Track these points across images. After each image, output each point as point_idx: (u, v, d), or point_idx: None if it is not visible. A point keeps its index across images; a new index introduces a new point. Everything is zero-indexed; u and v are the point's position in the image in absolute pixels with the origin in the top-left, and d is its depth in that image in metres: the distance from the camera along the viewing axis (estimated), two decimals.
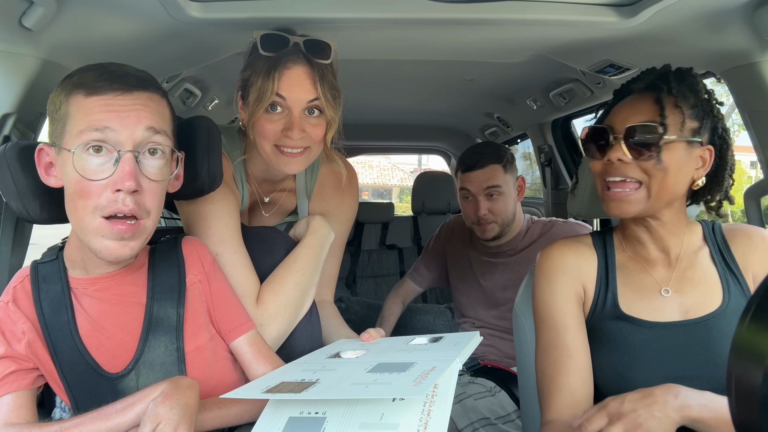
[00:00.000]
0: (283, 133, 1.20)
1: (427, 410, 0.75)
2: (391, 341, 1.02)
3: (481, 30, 1.28)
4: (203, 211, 1.21)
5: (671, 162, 1.01)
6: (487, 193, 1.93)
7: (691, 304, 1.06)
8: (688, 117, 1.02)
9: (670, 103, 1.02)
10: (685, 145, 1.02)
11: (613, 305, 1.09)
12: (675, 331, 1.03)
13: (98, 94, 0.90)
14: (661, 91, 1.03)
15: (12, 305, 0.95)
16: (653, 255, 1.11)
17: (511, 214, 1.97)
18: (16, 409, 0.91)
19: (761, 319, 0.46)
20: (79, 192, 0.89)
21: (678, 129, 1.01)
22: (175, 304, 1.01)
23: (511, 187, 1.97)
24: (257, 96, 1.17)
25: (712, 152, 1.04)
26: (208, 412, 0.94)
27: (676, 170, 1.01)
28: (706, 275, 1.08)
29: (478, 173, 1.93)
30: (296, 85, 1.18)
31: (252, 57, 1.22)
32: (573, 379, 1.05)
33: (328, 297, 1.50)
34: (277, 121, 1.19)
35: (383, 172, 22.66)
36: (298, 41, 1.19)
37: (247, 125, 1.23)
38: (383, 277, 3.06)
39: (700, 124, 1.03)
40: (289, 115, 1.19)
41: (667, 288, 1.08)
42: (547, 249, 1.17)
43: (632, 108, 1.04)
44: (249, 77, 1.20)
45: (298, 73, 1.18)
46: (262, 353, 1.08)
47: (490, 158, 1.94)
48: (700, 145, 1.03)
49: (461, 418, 1.70)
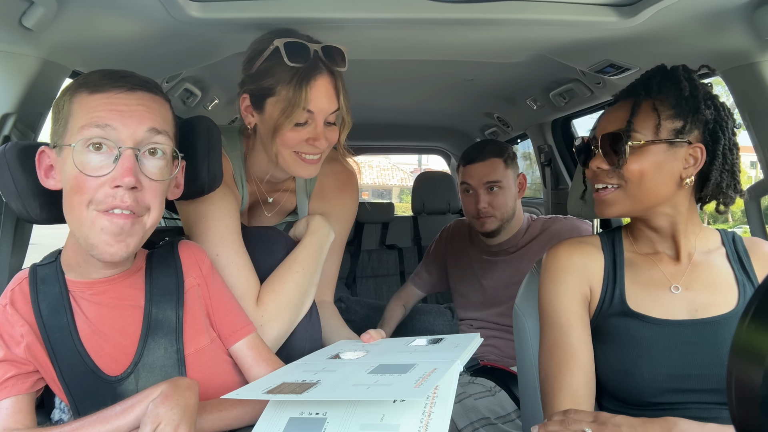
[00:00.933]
0: (308, 142, 1.21)
1: (428, 411, 0.75)
2: (391, 342, 1.02)
3: (481, 30, 1.28)
4: (203, 211, 1.21)
5: (645, 165, 1.03)
6: (487, 186, 1.95)
7: (701, 304, 1.05)
8: (668, 118, 1.03)
9: (647, 107, 1.04)
10: (664, 146, 1.03)
11: (620, 301, 1.09)
12: (683, 330, 1.03)
13: (101, 91, 0.89)
14: (639, 96, 1.06)
15: (10, 308, 0.95)
16: (663, 252, 1.11)
17: (511, 209, 1.98)
18: (15, 413, 0.90)
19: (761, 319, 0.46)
20: (76, 188, 0.89)
21: (653, 133, 1.03)
22: (174, 307, 1.01)
23: (512, 182, 1.98)
24: (286, 109, 1.16)
25: (704, 150, 1.04)
26: (208, 415, 0.93)
27: (653, 173, 1.03)
28: (720, 276, 1.08)
29: (479, 166, 1.96)
30: (323, 97, 1.18)
31: (271, 64, 1.18)
32: (576, 379, 1.04)
33: (328, 297, 1.50)
34: (301, 131, 1.20)
35: (383, 172, 22.67)
36: (316, 48, 1.18)
37: (263, 131, 1.22)
38: (383, 277, 3.06)
39: (685, 123, 1.02)
40: (313, 125, 1.20)
41: (677, 285, 1.07)
42: (554, 249, 1.17)
43: (608, 117, 1.10)
44: (272, 87, 1.18)
45: (323, 84, 1.18)
46: (263, 356, 1.08)
47: (491, 152, 1.96)
48: (688, 144, 1.03)
49: (461, 417, 1.70)
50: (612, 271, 1.12)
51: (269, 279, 1.24)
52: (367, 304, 2.55)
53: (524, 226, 2.06)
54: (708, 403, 1.00)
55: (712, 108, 1.04)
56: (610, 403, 1.08)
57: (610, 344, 1.07)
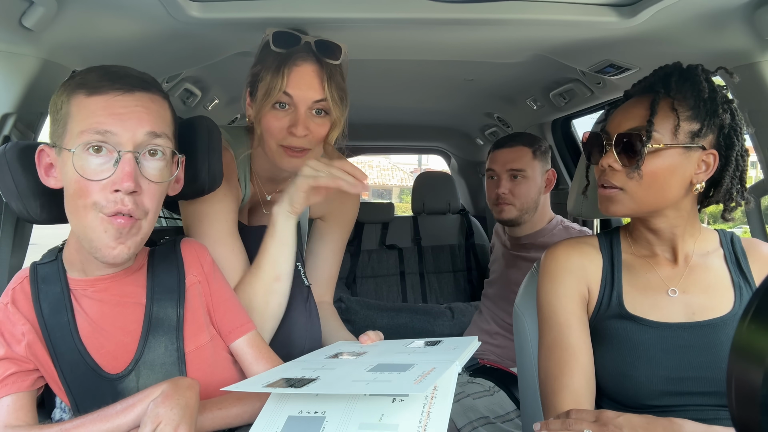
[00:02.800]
0: (288, 130, 1.19)
1: (427, 411, 0.75)
2: (389, 344, 1.03)
3: (481, 30, 1.28)
4: (203, 211, 1.21)
5: (659, 169, 0.99)
6: (510, 173, 1.94)
7: (698, 306, 1.05)
8: (686, 119, 0.99)
9: (666, 106, 0.99)
10: (680, 150, 0.99)
11: (618, 304, 1.08)
12: (680, 333, 1.03)
13: (99, 94, 0.89)
14: (657, 93, 1.01)
15: (11, 306, 0.95)
16: (661, 254, 1.10)
17: (533, 201, 1.96)
18: (16, 411, 0.90)
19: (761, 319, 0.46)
20: (79, 192, 0.89)
21: (671, 134, 0.99)
22: (175, 305, 1.01)
23: (538, 174, 1.96)
24: (265, 91, 1.17)
25: (717, 157, 1.01)
26: (207, 413, 0.93)
27: (665, 177, 1.00)
28: (717, 279, 1.07)
29: (505, 152, 1.96)
30: (304, 83, 1.18)
31: (263, 53, 1.21)
32: (577, 380, 1.04)
33: (327, 298, 1.50)
34: (282, 118, 1.19)
35: (383, 172, 22.65)
36: (309, 40, 1.19)
37: (254, 121, 1.23)
38: (383, 278, 3.06)
39: (702, 126, 0.99)
40: (294, 112, 1.19)
41: (674, 288, 1.07)
42: (552, 249, 1.16)
43: (625, 114, 1.04)
44: (258, 72, 1.20)
45: (306, 71, 1.18)
46: (263, 354, 1.08)
47: (521, 141, 1.96)
48: (702, 149, 1.00)
49: (460, 417, 1.70)
50: (610, 273, 1.11)
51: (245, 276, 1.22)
52: (367, 304, 2.55)
53: (550, 226, 2.02)
54: (706, 405, 1.00)
55: (729, 112, 1.01)
56: (608, 406, 1.08)
57: (607, 346, 1.07)
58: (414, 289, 2.95)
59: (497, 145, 2.01)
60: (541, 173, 1.98)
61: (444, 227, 3.13)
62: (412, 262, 3.09)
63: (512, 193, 1.94)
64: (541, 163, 1.98)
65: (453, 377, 0.79)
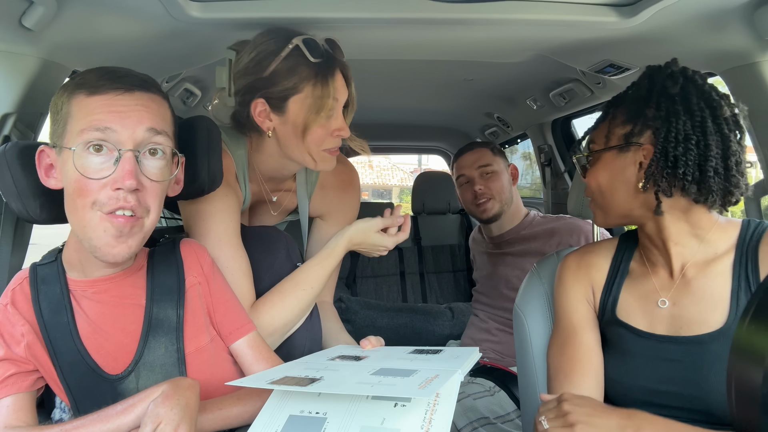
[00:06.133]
0: (334, 133, 1.22)
1: (429, 418, 0.75)
2: (390, 350, 1.03)
3: (481, 30, 1.28)
4: (203, 212, 1.20)
5: (599, 175, 1.06)
6: (481, 171, 2.08)
7: (686, 321, 0.99)
8: (619, 125, 1.03)
9: (608, 117, 1.06)
10: (614, 153, 1.03)
11: (611, 310, 1.09)
12: (666, 345, 0.99)
13: (100, 93, 0.90)
14: (607, 107, 1.08)
15: (11, 307, 0.95)
16: (658, 262, 1.07)
17: (508, 192, 2.09)
18: (16, 411, 0.90)
19: (761, 319, 0.46)
20: (79, 191, 0.89)
21: (603, 141, 1.05)
22: (175, 306, 1.01)
23: (503, 167, 2.11)
24: (315, 104, 1.17)
25: (650, 151, 0.98)
26: (208, 414, 0.93)
27: (608, 181, 1.05)
28: (714, 291, 0.98)
29: (468, 155, 2.12)
30: (341, 85, 1.22)
31: (292, 63, 1.16)
32: (588, 380, 1.04)
33: (328, 298, 1.50)
34: (327, 124, 1.21)
35: (383, 172, 22.64)
36: (321, 42, 1.20)
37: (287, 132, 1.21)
38: (383, 277, 3.05)
39: (633, 125, 1.00)
40: (335, 115, 1.22)
41: (664, 299, 1.03)
42: (567, 255, 1.19)
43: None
44: (296, 85, 1.17)
45: (339, 75, 1.21)
46: (263, 355, 1.08)
47: (477, 144, 2.18)
48: (638, 146, 1.00)
49: (460, 417, 1.70)
50: (613, 279, 1.11)
51: (273, 289, 1.24)
52: (367, 304, 2.55)
53: (528, 220, 2.11)
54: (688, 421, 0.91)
55: (667, 104, 0.97)
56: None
57: (606, 351, 1.08)
58: (414, 289, 2.95)
59: (459, 153, 2.17)
60: (506, 167, 2.12)
61: (444, 227, 3.12)
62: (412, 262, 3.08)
63: (488, 188, 2.06)
64: (502, 158, 2.13)
65: (456, 385, 0.79)
